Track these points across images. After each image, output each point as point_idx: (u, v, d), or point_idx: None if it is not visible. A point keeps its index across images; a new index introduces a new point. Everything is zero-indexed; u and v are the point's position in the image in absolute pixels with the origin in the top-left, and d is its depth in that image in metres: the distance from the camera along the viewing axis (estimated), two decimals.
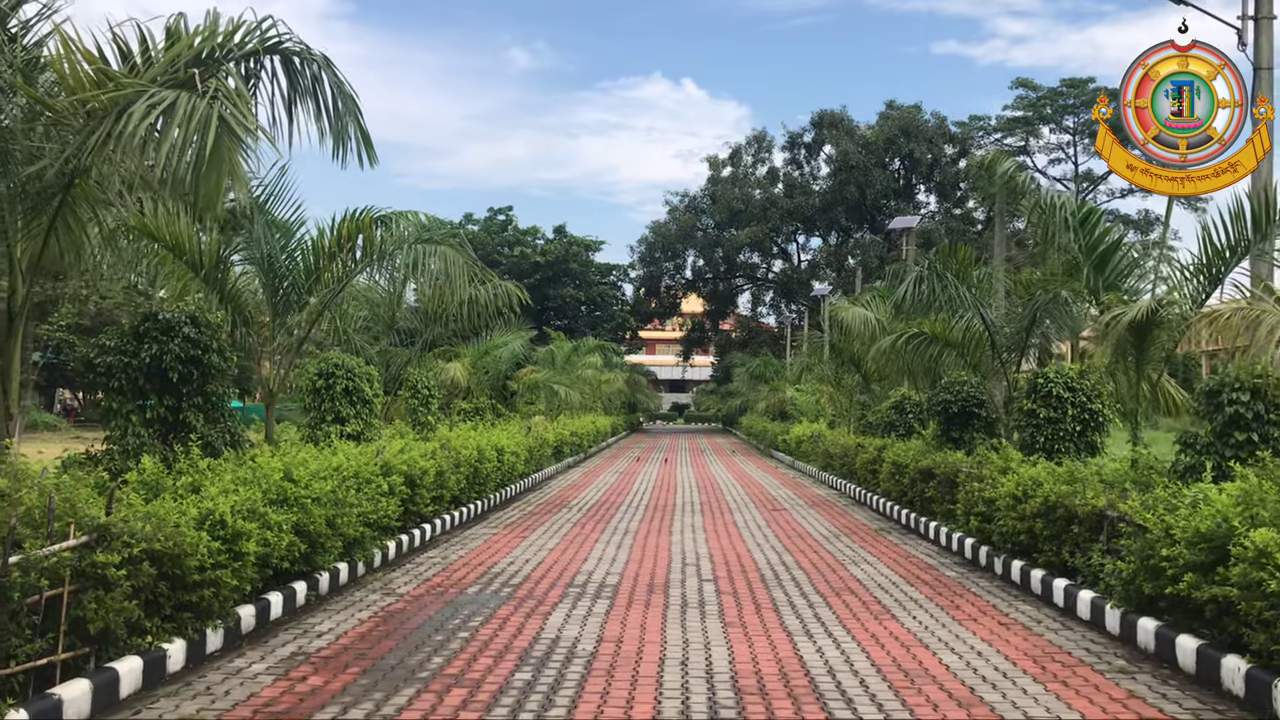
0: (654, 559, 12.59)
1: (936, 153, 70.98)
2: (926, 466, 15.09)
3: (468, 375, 20.91)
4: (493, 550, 13.27)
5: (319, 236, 11.77)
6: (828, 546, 13.81)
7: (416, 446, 14.49)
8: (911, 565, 12.19)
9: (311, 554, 9.81)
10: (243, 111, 6.18)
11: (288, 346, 11.91)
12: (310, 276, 11.73)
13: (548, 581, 10.93)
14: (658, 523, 16.50)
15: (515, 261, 68.05)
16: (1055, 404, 12.81)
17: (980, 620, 9.08)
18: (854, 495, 20.73)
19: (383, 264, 11.86)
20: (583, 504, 19.57)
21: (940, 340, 15.20)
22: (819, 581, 11.02)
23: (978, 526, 11.93)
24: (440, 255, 11.47)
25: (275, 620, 8.90)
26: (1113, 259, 12.24)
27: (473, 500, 17.16)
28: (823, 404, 33.08)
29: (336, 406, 13.53)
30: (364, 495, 11.28)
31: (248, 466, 9.54)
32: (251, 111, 6.68)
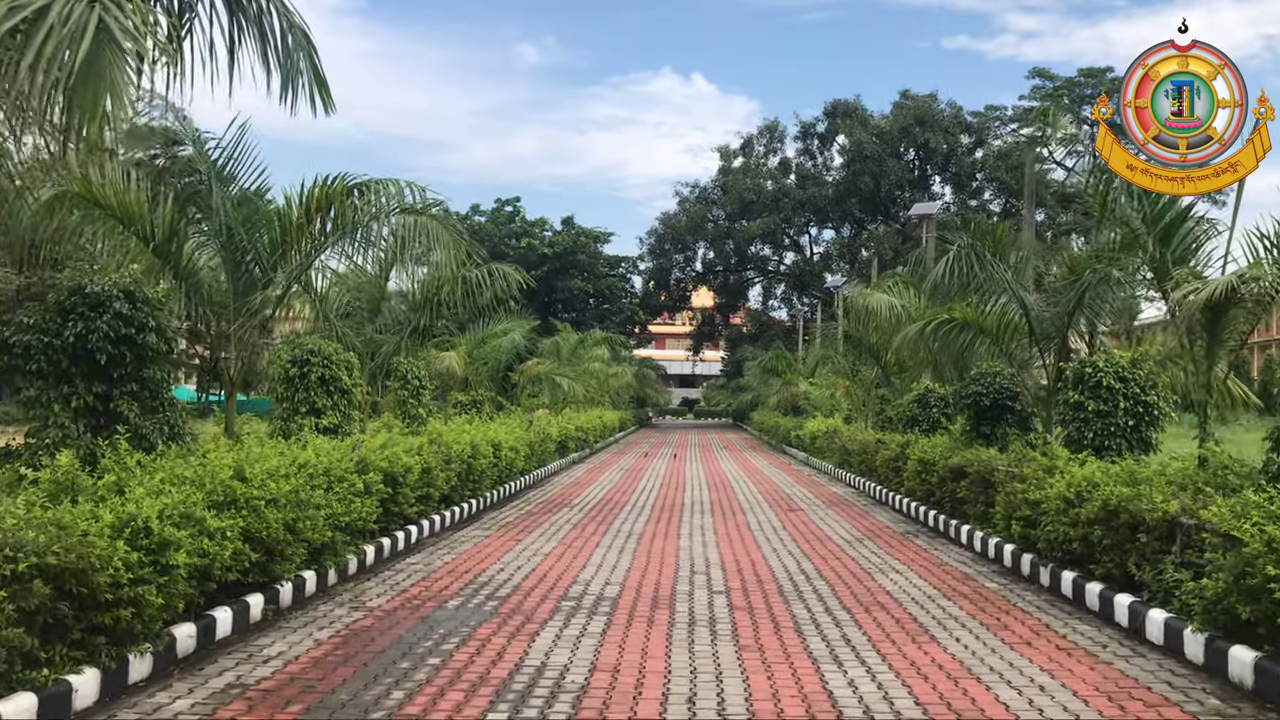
0: (659, 566, 11.38)
1: (952, 143, 69.49)
2: (957, 465, 13.84)
3: (464, 365, 19.73)
4: (482, 555, 12.07)
5: (286, 206, 10.58)
6: (850, 552, 12.58)
7: (402, 441, 13.29)
8: (946, 575, 10.95)
9: (268, 563, 8.64)
10: (132, 15, 4.99)
11: (251, 329, 10.70)
12: (276, 251, 10.53)
13: (539, 593, 9.72)
14: (664, 524, 15.28)
15: (522, 253, 66.68)
16: (1105, 396, 11.54)
17: (1035, 644, 7.84)
18: (874, 494, 19.48)
19: (355, 237, 10.58)
20: (585, 503, 18.36)
21: (973, 327, 13.94)
22: (844, 594, 9.79)
23: (1020, 532, 10.68)
24: (422, 228, 10.23)
25: (222, 640, 7.71)
26: (1180, 230, 10.98)
27: (466, 499, 15.96)
28: (838, 398, 31.81)
29: (311, 397, 12.33)
30: (334, 495, 10.10)
31: (193, 463, 8.35)
32: (149, 20, 5.49)
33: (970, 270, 12.68)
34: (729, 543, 13.35)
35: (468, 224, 68.47)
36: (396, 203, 10.48)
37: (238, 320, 10.50)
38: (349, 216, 10.38)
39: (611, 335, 47.70)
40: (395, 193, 10.68)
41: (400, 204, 10.51)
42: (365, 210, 10.37)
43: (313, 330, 14.20)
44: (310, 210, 10.32)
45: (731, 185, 72.55)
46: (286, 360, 12.28)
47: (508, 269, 15.40)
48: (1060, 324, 12.97)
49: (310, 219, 10.35)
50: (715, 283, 79.50)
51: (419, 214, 10.51)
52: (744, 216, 72.41)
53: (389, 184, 10.65)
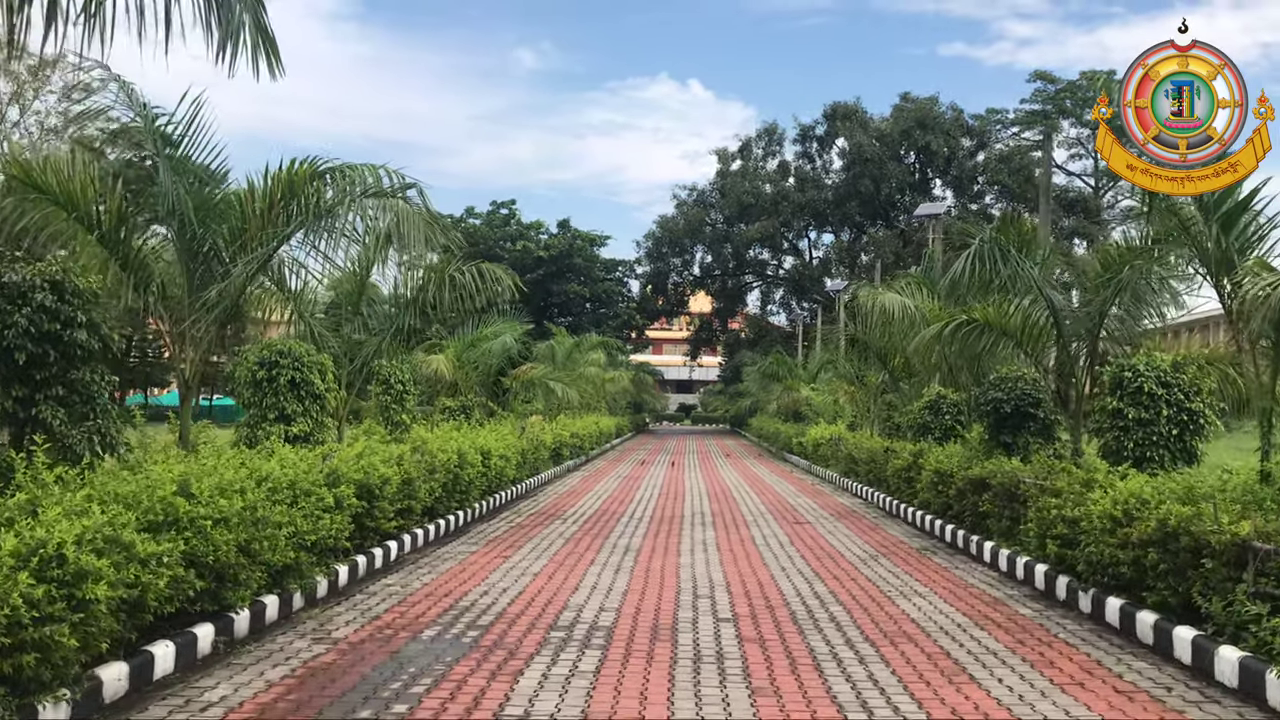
0: (659, 588, 10.39)
1: (953, 146, 68.59)
2: (978, 476, 12.87)
3: (453, 369, 18.74)
4: (466, 575, 11.08)
5: (248, 192, 9.61)
6: (866, 571, 11.60)
7: (381, 449, 12.31)
8: (973, 599, 9.97)
9: (219, 590, 7.67)
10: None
11: (209, 326, 9.69)
12: (236, 241, 9.55)
13: (526, 620, 8.73)
14: (664, 539, 14.29)
15: (518, 256, 65.66)
16: (1147, 402, 10.59)
17: (1089, 685, 6.87)
18: (884, 506, 18.50)
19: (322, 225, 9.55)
20: (580, 514, 17.37)
21: (995, 329, 12.97)
22: (865, 622, 8.81)
23: (1056, 553, 9.70)
24: (393, 211, 9.22)
25: (163, 680, 6.74)
26: (1241, 219, 10.03)
27: (452, 511, 14.97)
28: (842, 404, 30.84)
29: (280, 402, 11.35)
30: (300, 511, 9.12)
31: (127, 478, 7.36)
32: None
33: (993, 267, 11.72)
34: (733, 560, 12.37)
35: (462, 226, 67.46)
36: (370, 187, 9.45)
37: (193, 316, 9.50)
38: (315, 203, 9.37)
39: (608, 339, 46.66)
40: (371, 180, 9.69)
41: (375, 188, 9.49)
42: (336, 196, 9.35)
43: (288, 331, 13.19)
44: (274, 196, 9.36)
45: (730, 188, 71.58)
46: (253, 362, 11.30)
47: (497, 269, 14.38)
48: (1091, 325, 12.01)
49: (274, 206, 9.38)
50: (713, 287, 78.49)
51: (389, 197, 9.50)
52: (742, 220, 71.42)
53: (362, 169, 9.64)
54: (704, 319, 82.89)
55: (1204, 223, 10.00)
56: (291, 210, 9.35)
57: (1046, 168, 18.62)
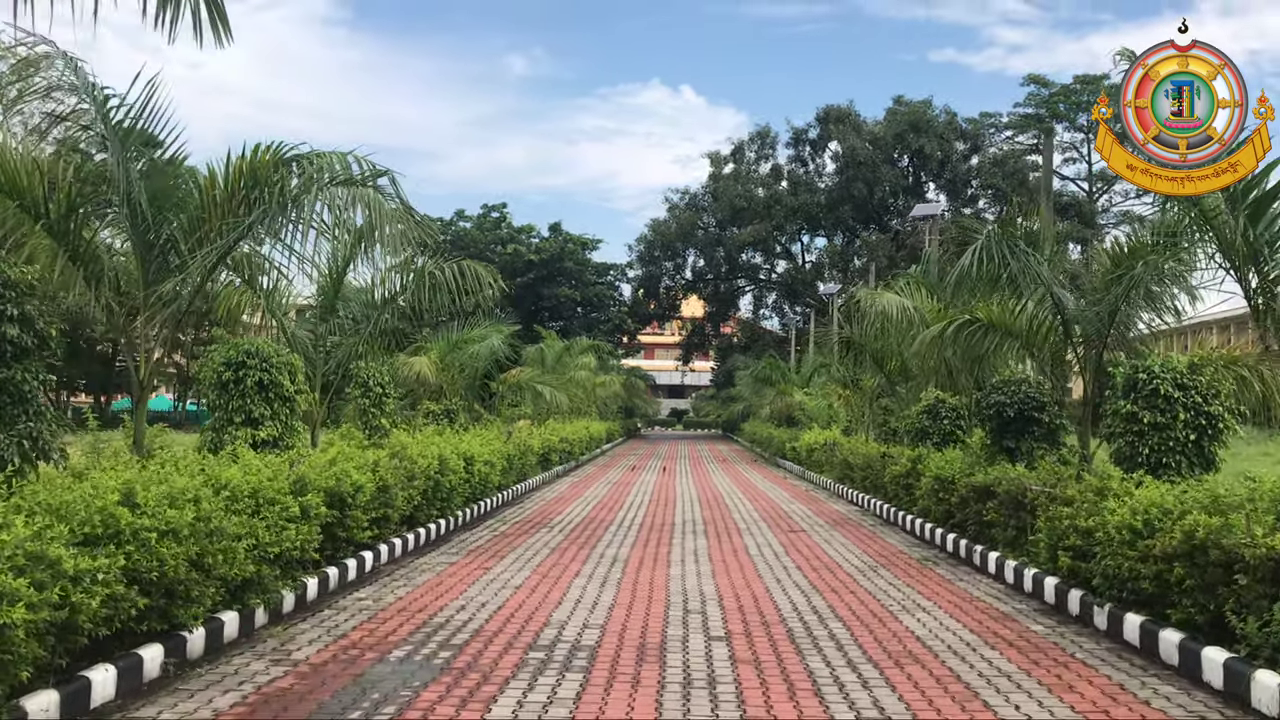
0: (647, 602, 9.80)
1: (947, 149, 68.09)
2: (983, 484, 12.31)
3: (437, 372, 18.12)
4: (444, 588, 10.47)
5: (208, 180, 9.00)
6: (865, 583, 11.02)
7: (356, 455, 11.70)
8: (980, 614, 9.39)
9: (169, 607, 7.06)
10: None
11: (166, 323, 9.05)
12: (195, 232, 8.94)
13: (504, 639, 8.13)
14: (653, 549, 13.70)
15: (508, 259, 65.06)
16: (1163, 406, 10.02)
17: (1114, 714, 6.29)
18: (881, 513, 17.92)
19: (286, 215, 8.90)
20: (567, 522, 16.77)
21: (999, 330, 12.42)
22: (867, 640, 8.22)
23: (1069, 565, 9.13)
24: (363, 201, 8.60)
25: (100, 708, 6.13)
26: (1270, 209, 9.50)
27: (433, 519, 14.35)
28: (836, 408, 30.28)
29: (247, 405, 10.72)
30: (262, 521, 8.51)
31: (74, 486, 6.75)
32: None
33: (1002, 262, 11.15)
34: (726, 571, 11.78)
35: (452, 230, 66.86)
36: (338, 176, 8.80)
37: (147, 311, 8.87)
38: (279, 191, 8.74)
39: (599, 343, 45.98)
40: (340, 168, 9.06)
41: (345, 176, 8.86)
42: (302, 184, 8.71)
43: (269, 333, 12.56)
44: (236, 184, 8.74)
45: (722, 192, 70.98)
46: (219, 363, 10.69)
47: (478, 266, 13.75)
48: (1101, 325, 11.45)
49: (235, 195, 8.77)
50: (705, 291, 77.87)
51: (359, 185, 8.88)
52: (735, 223, 70.81)
53: (330, 156, 9.00)
54: (696, 323, 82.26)
55: (1229, 213, 9.47)
56: (254, 199, 8.73)
57: (1047, 165, 18.10)
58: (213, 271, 9.30)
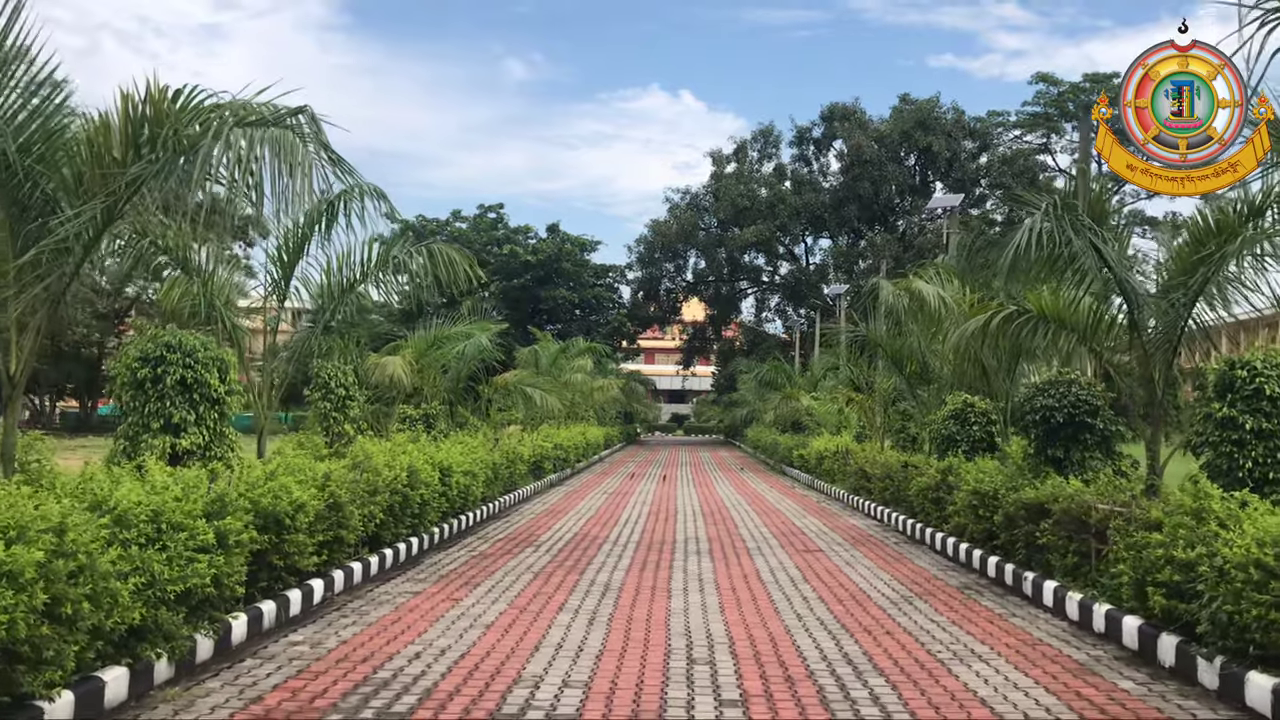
0: (643, 648, 8.07)
1: (955, 147, 66.44)
2: (1035, 500, 10.59)
3: (412, 373, 16.42)
4: (400, 626, 8.76)
5: (99, 127, 7.29)
6: (902, 620, 9.29)
7: (305, 466, 9.99)
8: (1050, 663, 7.67)
9: (9, 673, 5.35)
10: None
11: (42, 301, 7.32)
12: (79, 186, 7.23)
13: (460, 704, 6.42)
14: (651, 574, 11.97)
15: (505, 260, 63.43)
16: (1268, 409, 8.32)
17: None
18: (905, 529, 16.19)
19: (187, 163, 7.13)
20: (555, 540, 15.05)
21: (1052, 321, 10.71)
22: (919, 705, 6.50)
23: (1163, 605, 7.41)
24: (270, 142, 6.86)
25: None
26: None
27: (402, 539, 12.65)
28: (847, 413, 28.55)
29: (167, 408, 9.04)
30: (161, 553, 6.81)
31: None
32: None
33: (1063, 241, 9.46)
34: (736, 604, 10.05)
35: (448, 230, 65.20)
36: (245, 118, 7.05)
37: (18, 287, 7.16)
38: (174, 135, 7.02)
39: (596, 345, 44.14)
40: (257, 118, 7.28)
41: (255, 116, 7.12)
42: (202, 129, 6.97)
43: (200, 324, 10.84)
44: (129, 132, 7.03)
45: (724, 191, 69.17)
46: (134, 358, 9.01)
47: (452, 251, 12.04)
48: (1176, 315, 9.75)
49: (132, 145, 7.05)
50: (707, 293, 76.08)
51: (270, 124, 7.12)
52: (737, 224, 68.98)
53: (245, 101, 7.23)
54: (697, 327, 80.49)
55: None
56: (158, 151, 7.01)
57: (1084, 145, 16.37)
58: (98, 239, 7.60)
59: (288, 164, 6.76)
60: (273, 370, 11.37)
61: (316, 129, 7.21)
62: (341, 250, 11.52)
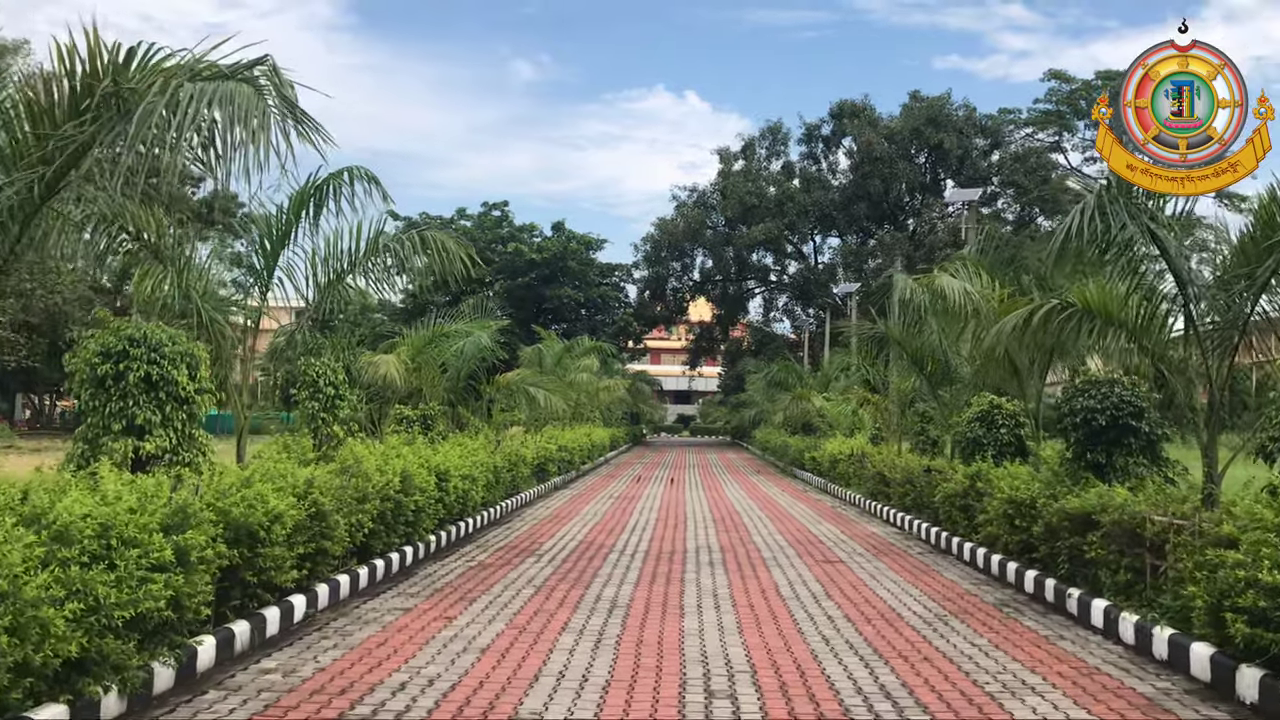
0: (655, 677, 7.22)
1: (966, 145, 65.41)
2: (1080, 510, 9.73)
3: (407, 371, 15.58)
4: (386, 650, 7.92)
5: (39, 87, 6.47)
6: (939, 643, 8.43)
7: (285, 472, 9.17)
8: (1113, 697, 6.81)
9: None
10: None
11: None
12: (19, 158, 6.40)
13: None
14: (661, 588, 11.11)
15: (509, 259, 62.52)
16: None
17: None
18: (929, 538, 15.32)
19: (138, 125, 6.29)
20: (559, 549, 14.20)
21: (1099, 315, 9.85)
22: None
23: (1245, 634, 6.54)
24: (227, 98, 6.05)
25: None
26: None
27: (394, 548, 11.82)
28: (861, 414, 27.66)
29: (129, 407, 8.22)
30: (109, 573, 5.98)
31: None
32: None
33: (1119, 230, 8.61)
34: (756, 624, 9.18)
35: (452, 228, 64.31)
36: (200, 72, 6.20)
37: None
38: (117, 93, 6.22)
39: (602, 344, 43.23)
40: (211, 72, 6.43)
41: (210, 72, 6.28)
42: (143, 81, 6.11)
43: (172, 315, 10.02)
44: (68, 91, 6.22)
45: (731, 189, 68.18)
46: (93, 353, 8.20)
47: (445, 238, 11.21)
48: (1239, 308, 8.89)
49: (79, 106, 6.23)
50: (714, 293, 75.10)
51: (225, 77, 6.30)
52: (744, 222, 67.98)
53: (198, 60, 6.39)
54: (704, 327, 79.53)
55: None
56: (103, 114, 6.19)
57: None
58: (36, 213, 6.77)
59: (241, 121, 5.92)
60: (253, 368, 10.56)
61: (278, 82, 6.38)
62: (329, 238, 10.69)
